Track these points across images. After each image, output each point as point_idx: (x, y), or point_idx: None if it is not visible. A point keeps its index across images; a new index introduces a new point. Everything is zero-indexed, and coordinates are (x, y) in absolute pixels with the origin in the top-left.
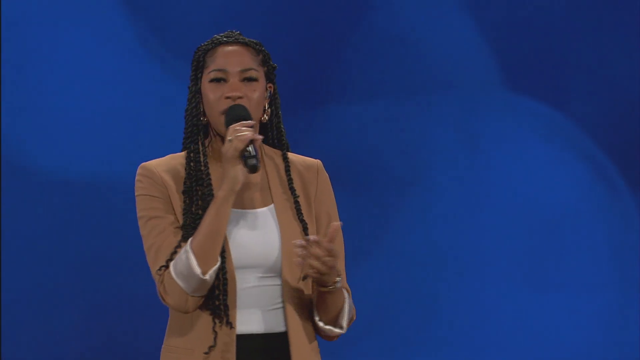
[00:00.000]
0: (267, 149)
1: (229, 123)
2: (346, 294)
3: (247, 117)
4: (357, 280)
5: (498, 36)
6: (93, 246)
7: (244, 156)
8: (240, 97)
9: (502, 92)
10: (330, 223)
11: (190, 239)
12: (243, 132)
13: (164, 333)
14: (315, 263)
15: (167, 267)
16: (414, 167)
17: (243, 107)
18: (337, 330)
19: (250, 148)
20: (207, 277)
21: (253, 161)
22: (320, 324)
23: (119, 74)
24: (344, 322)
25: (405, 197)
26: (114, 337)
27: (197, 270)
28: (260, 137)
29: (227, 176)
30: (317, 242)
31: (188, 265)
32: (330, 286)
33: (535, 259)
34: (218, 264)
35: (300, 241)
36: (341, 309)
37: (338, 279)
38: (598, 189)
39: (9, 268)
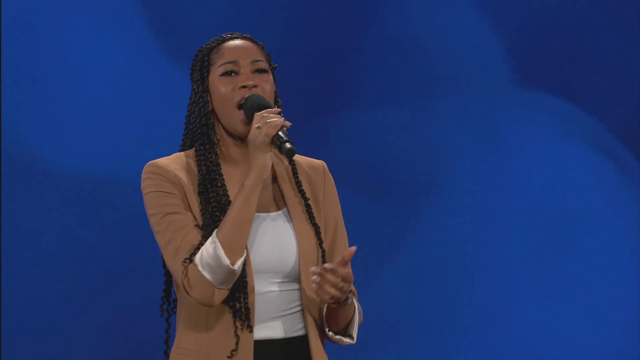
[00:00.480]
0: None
1: (251, 111)
2: (356, 303)
3: (269, 104)
4: (378, 285)
5: (512, 33)
6: (95, 246)
7: (278, 141)
8: (255, 87)
9: (519, 90)
10: (336, 226)
11: (216, 230)
12: (272, 118)
13: (168, 334)
14: (331, 290)
15: (191, 260)
16: (432, 171)
17: (261, 96)
18: (346, 340)
19: (281, 133)
20: (235, 267)
21: (289, 145)
22: (330, 334)
23: (129, 71)
24: (354, 332)
25: (425, 201)
26: (116, 338)
27: (226, 260)
28: (289, 123)
29: (256, 164)
30: (332, 270)
31: (216, 255)
32: (343, 304)
33: (558, 259)
34: (245, 255)
35: (315, 268)
36: (351, 319)
37: (350, 295)
38: (620, 184)
39: (9, 267)
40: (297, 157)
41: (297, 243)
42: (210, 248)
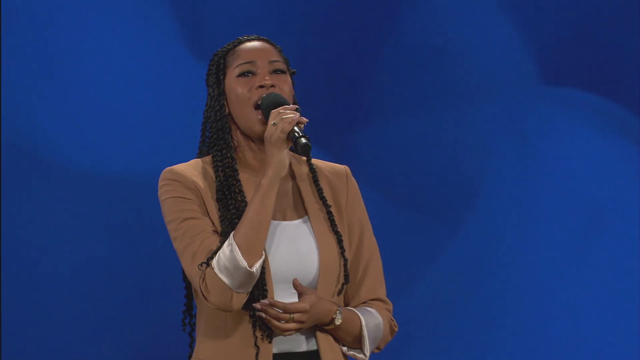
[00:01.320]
0: (293, 155)
1: (268, 109)
2: (363, 319)
3: (286, 102)
4: (414, 295)
5: (538, 31)
6: (112, 247)
7: (293, 137)
8: (273, 86)
9: (548, 89)
10: (362, 232)
11: (232, 232)
12: (288, 114)
13: (192, 349)
14: (276, 323)
15: (208, 264)
16: (467, 178)
17: (279, 94)
18: (359, 356)
19: (297, 129)
20: (253, 269)
21: (304, 140)
22: (344, 349)
23: (150, 69)
24: (366, 350)
25: (461, 209)
26: (126, 345)
27: (243, 263)
28: (306, 119)
29: (272, 161)
30: (272, 304)
31: (232, 258)
32: (330, 326)
33: (604, 262)
34: (263, 257)
35: (257, 304)
36: (358, 336)
37: (335, 316)
38: None
39: (9, 266)
40: (319, 162)
41: (319, 253)
42: (227, 250)
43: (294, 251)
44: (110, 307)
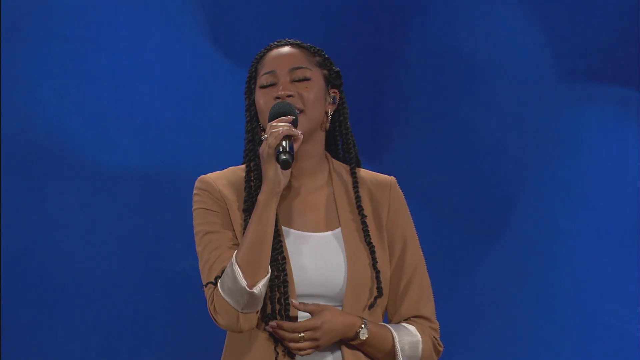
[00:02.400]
0: (336, 163)
1: (270, 120)
2: (396, 335)
3: (288, 112)
4: (453, 308)
5: (559, 28)
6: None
7: (277, 152)
8: (290, 96)
9: (576, 86)
10: (405, 245)
11: (235, 252)
12: (277, 127)
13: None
14: (289, 343)
15: (215, 284)
16: (505, 190)
17: (286, 104)
18: None
19: (284, 143)
20: (254, 290)
21: (283, 156)
22: None
23: (190, 72)
24: None
25: (501, 221)
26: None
27: (243, 283)
28: (298, 132)
29: (266, 177)
30: (279, 325)
31: (234, 279)
32: (355, 341)
33: None
34: (267, 276)
35: (268, 328)
36: (391, 352)
37: (359, 330)
38: None
39: (15, 267)
40: (363, 173)
41: (347, 265)
42: (229, 271)
43: (321, 263)
44: (125, 311)
